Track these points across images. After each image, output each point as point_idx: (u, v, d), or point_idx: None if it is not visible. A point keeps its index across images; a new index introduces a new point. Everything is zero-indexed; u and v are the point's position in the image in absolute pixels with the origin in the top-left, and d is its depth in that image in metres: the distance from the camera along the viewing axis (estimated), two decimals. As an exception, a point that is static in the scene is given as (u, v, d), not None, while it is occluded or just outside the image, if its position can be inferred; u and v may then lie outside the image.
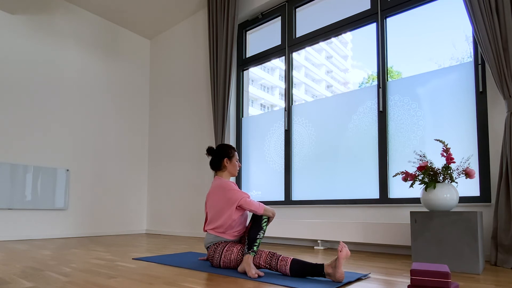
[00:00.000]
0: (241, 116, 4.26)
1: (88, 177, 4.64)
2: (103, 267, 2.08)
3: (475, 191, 2.53)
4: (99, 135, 4.80)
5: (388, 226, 2.76)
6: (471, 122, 2.60)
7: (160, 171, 5.14)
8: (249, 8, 4.07)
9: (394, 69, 4.19)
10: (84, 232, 4.52)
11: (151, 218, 5.19)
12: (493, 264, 2.18)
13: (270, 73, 22.63)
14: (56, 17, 4.45)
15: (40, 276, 1.82)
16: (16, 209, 3.94)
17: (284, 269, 1.75)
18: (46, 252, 2.80)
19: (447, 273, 1.28)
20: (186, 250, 2.95)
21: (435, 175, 2.14)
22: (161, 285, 1.59)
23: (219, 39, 4.11)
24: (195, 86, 4.74)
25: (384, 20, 3.11)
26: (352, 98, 3.31)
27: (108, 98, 4.95)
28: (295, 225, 3.33)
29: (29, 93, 4.15)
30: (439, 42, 3.41)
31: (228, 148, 2.20)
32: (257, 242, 1.87)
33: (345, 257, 1.60)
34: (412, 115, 2.91)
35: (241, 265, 1.84)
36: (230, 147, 2.21)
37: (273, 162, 3.86)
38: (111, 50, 5.04)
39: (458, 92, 2.68)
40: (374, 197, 3.05)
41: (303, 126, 3.64)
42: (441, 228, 2.04)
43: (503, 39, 2.26)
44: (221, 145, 2.22)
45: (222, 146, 2.21)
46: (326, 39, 3.58)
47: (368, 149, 3.14)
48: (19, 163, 4.00)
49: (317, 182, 3.46)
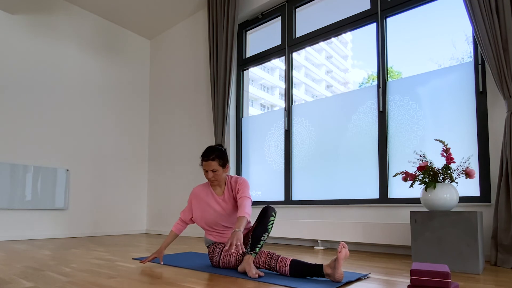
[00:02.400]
0: (241, 116, 4.26)
1: (88, 177, 4.64)
2: (103, 267, 2.08)
3: (475, 191, 2.53)
4: (99, 135, 4.80)
5: (388, 226, 2.76)
6: (471, 122, 2.60)
7: (160, 171, 5.14)
8: (249, 8, 4.07)
9: (394, 69, 4.19)
10: (84, 232, 4.52)
11: (151, 218, 5.19)
12: (493, 264, 2.18)
13: (270, 73, 22.63)
14: (56, 17, 4.45)
15: (40, 276, 1.82)
16: (16, 209, 3.94)
17: (284, 270, 1.75)
18: (46, 252, 2.80)
19: (447, 273, 1.28)
20: (186, 250, 2.95)
21: (435, 175, 2.14)
22: (161, 285, 1.59)
23: (219, 39, 4.11)
24: (195, 86, 4.73)
25: (384, 20, 3.11)
26: (352, 98, 3.31)
27: (108, 98, 4.95)
28: (295, 225, 3.33)
29: (29, 93, 4.15)
30: (439, 42, 3.41)
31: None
32: (260, 243, 1.87)
33: (344, 257, 1.61)
34: (412, 115, 2.91)
35: (241, 265, 1.84)
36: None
37: (273, 162, 3.86)
38: (111, 50, 5.04)
39: (458, 92, 2.68)
40: (374, 197, 3.05)
41: (303, 126, 3.64)
42: (441, 228, 2.04)
43: (503, 39, 2.26)
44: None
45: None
46: (326, 39, 3.58)
47: (368, 149, 3.14)
48: (19, 163, 4.00)
49: (317, 182, 3.46)
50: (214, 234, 2.10)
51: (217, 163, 1.98)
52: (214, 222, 2.06)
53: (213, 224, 2.07)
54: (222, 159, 2.00)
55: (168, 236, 2.17)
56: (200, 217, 2.08)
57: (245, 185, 2.04)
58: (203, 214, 2.07)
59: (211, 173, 1.98)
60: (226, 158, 2.05)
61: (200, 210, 2.09)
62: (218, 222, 2.06)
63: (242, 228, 1.77)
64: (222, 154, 2.02)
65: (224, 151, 2.06)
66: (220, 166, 1.99)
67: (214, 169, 1.97)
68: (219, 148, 2.04)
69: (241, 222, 1.80)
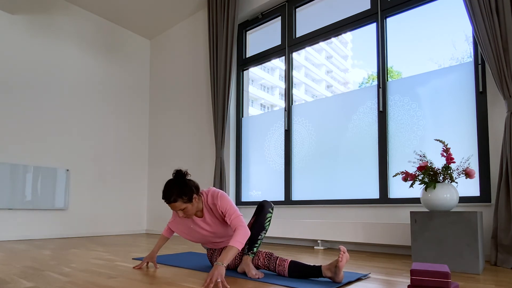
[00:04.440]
0: (241, 116, 4.26)
1: (88, 177, 4.64)
2: (103, 267, 2.08)
3: (475, 191, 2.53)
4: (99, 135, 4.80)
5: (388, 226, 2.76)
6: (471, 122, 2.60)
7: (160, 171, 5.14)
8: (249, 8, 4.07)
9: (394, 69, 4.18)
10: (84, 232, 4.52)
11: (151, 218, 5.19)
12: (493, 264, 2.18)
13: (270, 73, 22.62)
14: (56, 17, 4.45)
15: (40, 276, 1.82)
16: (16, 209, 3.94)
17: (283, 272, 1.75)
18: (46, 252, 2.79)
19: (447, 273, 1.28)
20: (186, 250, 2.95)
21: (435, 175, 2.14)
22: (161, 285, 1.59)
23: (219, 39, 4.11)
24: (195, 86, 4.73)
25: (384, 20, 3.11)
26: (352, 98, 3.31)
27: (108, 98, 4.95)
28: (295, 225, 3.33)
29: (29, 93, 4.15)
30: (439, 42, 3.41)
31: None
32: (257, 243, 1.84)
33: (345, 263, 1.60)
34: (412, 115, 2.91)
35: (240, 266, 1.84)
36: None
37: (273, 162, 3.86)
38: (111, 50, 5.04)
39: (458, 92, 2.68)
40: (374, 197, 3.05)
41: (303, 126, 3.64)
42: (441, 228, 2.04)
43: (503, 39, 2.26)
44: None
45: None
46: (326, 39, 3.58)
47: (368, 149, 3.13)
48: (19, 163, 4.00)
49: (317, 182, 3.46)
50: (208, 245, 2.03)
51: (181, 202, 1.73)
52: (206, 241, 1.96)
53: (206, 242, 1.98)
54: (185, 195, 1.73)
55: (159, 239, 2.08)
56: (191, 238, 1.95)
57: (227, 203, 1.80)
58: (192, 238, 1.95)
59: (181, 212, 1.77)
60: (190, 190, 1.76)
61: (188, 234, 1.95)
62: (210, 240, 1.95)
63: (227, 262, 1.58)
64: (183, 190, 1.73)
65: (185, 183, 1.77)
66: (186, 203, 1.75)
67: (180, 208, 1.75)
68: (178, 182, 1.76)
69: (227, 254, 1.60)
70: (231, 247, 1.62)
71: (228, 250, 1.62)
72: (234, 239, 1.65)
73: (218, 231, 1.89)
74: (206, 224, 1.87)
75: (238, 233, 1.68)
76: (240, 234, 1.67)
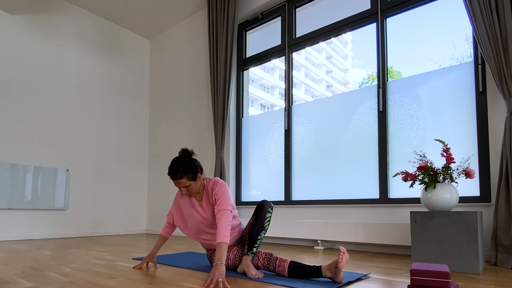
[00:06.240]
0: (241, 116, 4.26)
1: (88, 177, 4.64)
2: (103, 267, 2.08)
3: (475, 191, 2.53)
4: (99, 135, 4.80)
5: (388, 226, 2.76)
6: (471, 122, 2.60)
7: (160, 171, 5.14)
8: (249, 8, 4.07)
9: (394, 69, 4.19)
10: (84, 232, 4.52)
11: (151, 218, 5.19)
12: (493, 264, 2.18)
13: (270, 73, 22.63)
14: (56, 17, 4.45)
15: (40, 276, 1.82)
16: (16, 209, 3.94)
17: (283, 273, 1.75)
18: (46, 252, 2.80)
19: (447, 273, 1.28)
20: (186, 250, 2.95)
21: (435, 175, 2.14)
22: (161, 285, 1.59)
23: (219, 39, 4.11)
24: (195, 86, 4.73)
25: (384, 20, 3.11)
26: (352, 98, 3.31)
27: (108, 98, 4.95)
28: (295, 225, 3.33)
29: (29, 93, 4.15)
30: (439, 42, 3.41)
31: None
32: (257, 243, 1.84)
33: (345, 264, 1.60)
34: (412, 115, 2.91)
35: (240, 266, 1.84)
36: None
37: (273, 162, 3.86)
38: (111, 50, 5.04)
39: (458, 92, 2.68)
40: (374, 197, 3.05)
41: (303, 126, 3.64)
42: (441, 228, 2.04)
43: (503, 39, 2.26)
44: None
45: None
46: (326, 39, 3.58)
47: (368, 149, 3.13)
48: (19, 163, 4.00)
49: (317, 182, 3.46)
50: (204, 242, 1.99)
51: (186, 179, 1.79)
52: (200, 231, 1.93)
53: (200, 234, 1.94)
54: (191, 173, 1.79)
55: (158, 239, 2.08)
56: (186, 225, 1.96)
57: (223, 193, 1.82)
58: (188, 225, 1.95)
59: (184, 189, 1.83)
60: (195, 168, 1.82)
61: (184, 222, 1.97)
62: (203, 230, 1.92)
63: (224, 259, 1.60)
64: (189, 168, 1.79)
65: (191, 161, 1.83)
66: (190, 180, 1.81)
67: (185, 185, 1.81)
68: (184, 160, 1.82)
69: (221, 251, 1.62)
70: (221, 244, 1.66)
71: (220, 247, 1.65)
72: (218, 236, 1.69)
73: (209, 219, 1.90)
74: (202, 208, 1.90)
75: (220, 228, 1.71)
76: (222, 229, 1.70)
